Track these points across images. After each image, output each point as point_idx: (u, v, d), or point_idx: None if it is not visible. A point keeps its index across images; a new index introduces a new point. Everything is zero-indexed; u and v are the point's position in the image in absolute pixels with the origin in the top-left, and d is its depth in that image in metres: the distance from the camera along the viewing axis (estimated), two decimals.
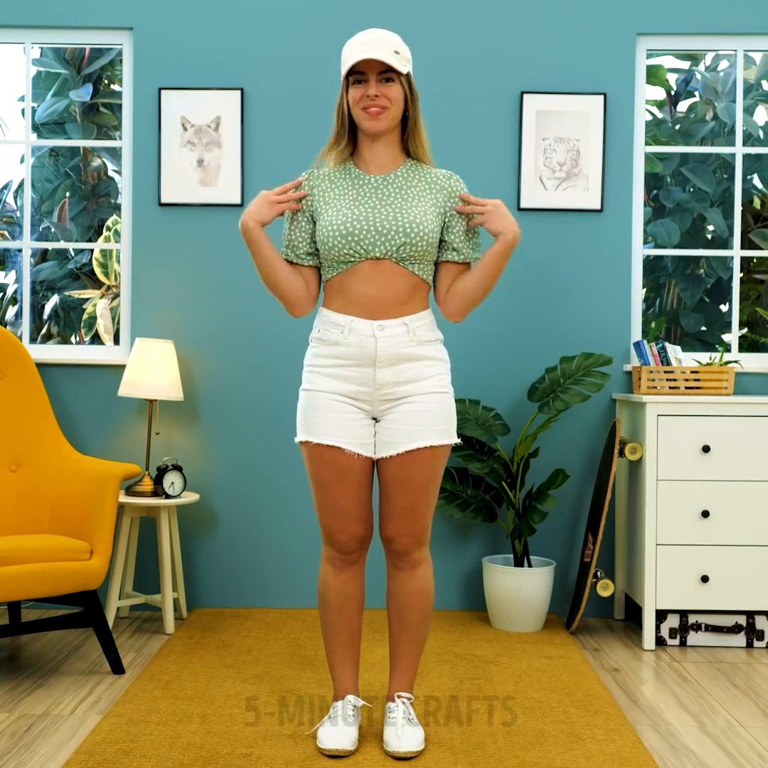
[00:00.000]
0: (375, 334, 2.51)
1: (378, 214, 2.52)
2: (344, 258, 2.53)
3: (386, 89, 2.51)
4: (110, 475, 3.30)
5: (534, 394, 3.94)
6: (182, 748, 2.58)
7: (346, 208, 2.53)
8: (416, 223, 2.52)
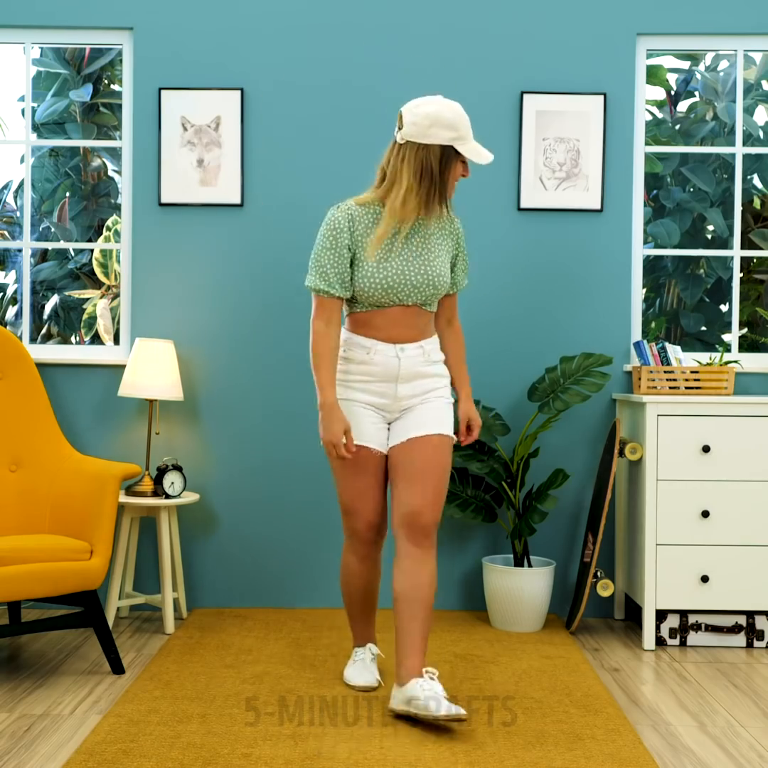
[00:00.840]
0: (398, 355, 2.90)
1: (412, 268, 2.87)
2: (378, 304, 2.88)
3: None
4: (110, 475, 3.30)
5: (534, 394, 3.94)
6: (182, 748, 2.58)
7: (385, 260, 2.86)
8: (441, 275, 2.92)
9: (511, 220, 4.13)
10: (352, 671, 3.13)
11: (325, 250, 2.85)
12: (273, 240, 4.14)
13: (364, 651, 3.15)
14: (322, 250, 2.85)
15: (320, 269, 2.85)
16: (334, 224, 2.85)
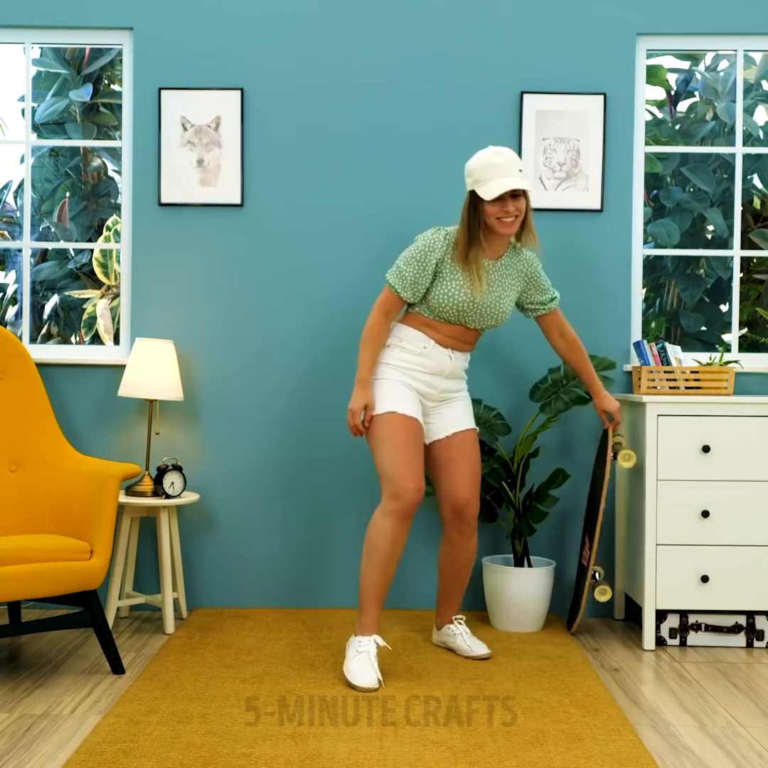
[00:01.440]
0: (450, 356, 3.35)
1: (485, 299, 3.27)
2: (447, 318, 3.29)
3: (517, 203, 3.20)
4: (110, 475, 3.30)
5: (536, 394, 3.94)
6: (182, 748, 2.58)
7: (466, 287, 3.24)
8: (506, 313, 3.35)
9: None
10: (355, 667, 3.10)
11: (413, 260, 3.24)
12: (273, 240, 4.14)
13: (369, 642, 3.15)
14: (411, 260, 3.25)
15: (401, 273, 3.26)
16: (431, 244, 3.24)
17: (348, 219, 4.13)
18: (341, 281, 4.13)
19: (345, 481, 4.13)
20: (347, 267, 4.13)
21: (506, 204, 3.18)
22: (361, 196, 4.13)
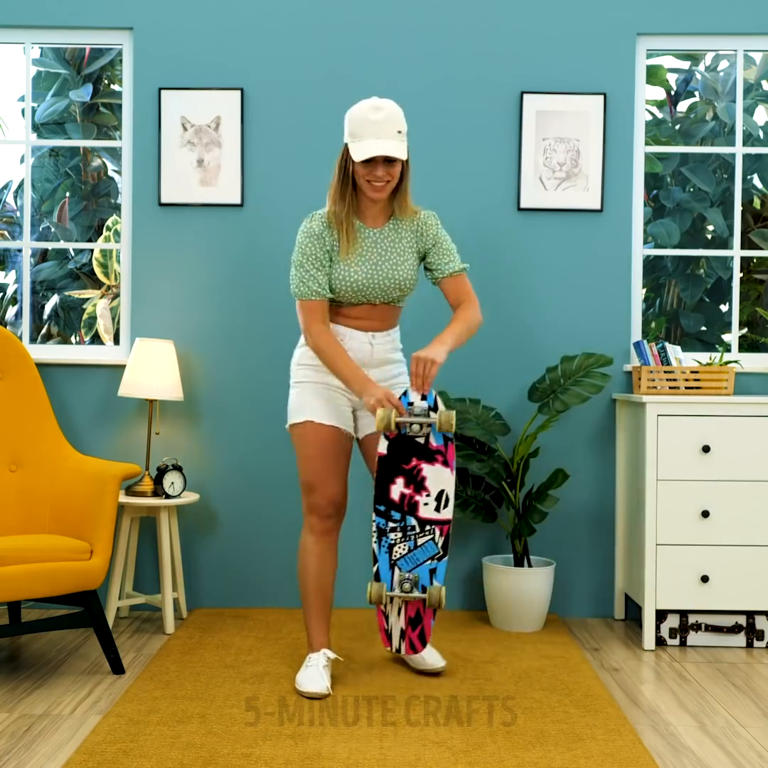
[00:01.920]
0: (370, 341, 3.09)
1: (380, 271, 3.04)
2: (349, 301, 3.07)
3: (390, 168, 2.96)
4: (110, 475, 3.30)
5: (534, 394, 3.94)
6: (182, 748, 2.58)
7: (355, 264, 3.03)
8: (407, 278, 3.09)
9: (511, 220, 4.13)
10: (303, 676, 3.04)
11: (305, 258, 3.02)
12: (273, 240, 4.14)
13: (318, 657, 3.08)
14: (303, 259, 3.02)
15: (305, 275, 3.01)
16: (311, 232, 3.02)
17: None
18: None
19: None
20: None
21: (376, 167, 2.94)
22: None
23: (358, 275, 3.02)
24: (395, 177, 2.99)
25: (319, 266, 3.02)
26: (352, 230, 3.02)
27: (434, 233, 3.14)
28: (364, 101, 3.01)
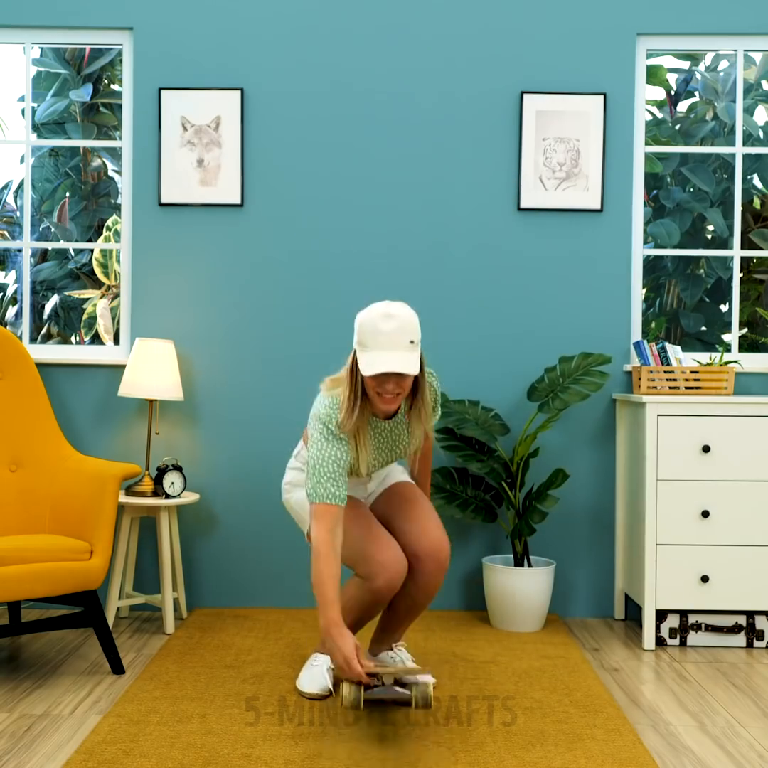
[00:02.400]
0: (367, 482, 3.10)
1: (393, 454, 2.99)
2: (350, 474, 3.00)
3: (401, 381, 2.73)
4: (110, 475, 3.31)
5: (533, 394, 3.94)
6: (182, 748, 2.58)
7: (370, 457, 2.93)
8: (419, 445, 2.98)
9: (511, 220, 4.13)
10: (305, 677, 3.03)
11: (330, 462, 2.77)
12: (273, 240, 4.14)
13: (325, 658, 3.06)
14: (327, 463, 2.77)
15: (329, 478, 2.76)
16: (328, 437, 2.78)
17: (348, 219, 4.13)
18: (341, 281, 4.13)
19: None
20: (347, 267, 4.13)
21: (386, 381, 2.72)
22: (361, 195, 4.13)
23: (370, 466, 2.95)
24: (406, 390, 2.75)
25: (343, 472, 2.78)
26: (364, 431, 2.84)
27: (436, 399, 3.01)
28: (375, 306, 2.73)
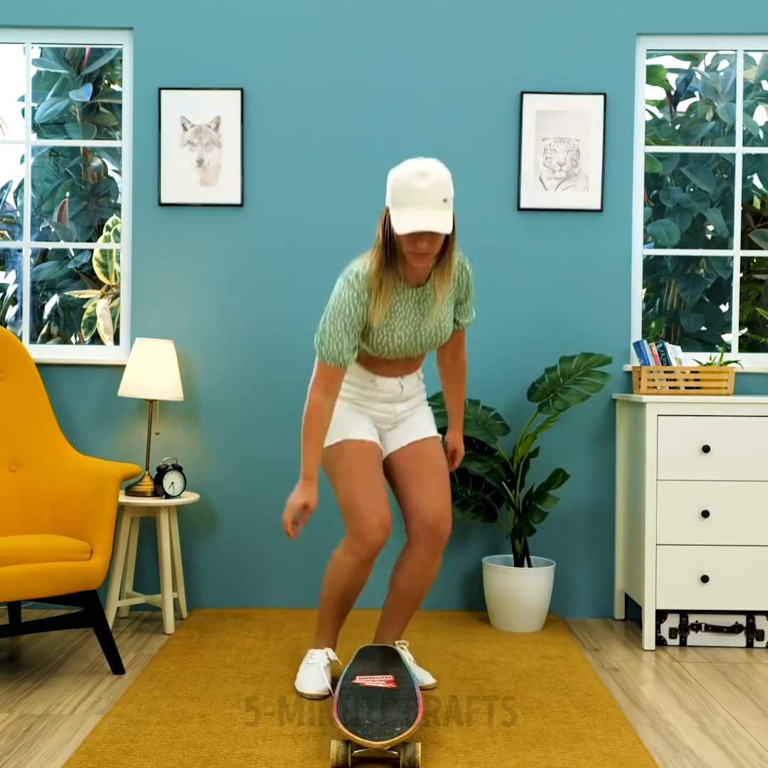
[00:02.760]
0: (401, 384, 3.03)
1: (424, 332, 2.93)
2: (387, 357, 2.96)
3: (434, 239, 2.74)
4: (110, 475, 3.31)
5: (534, 394, 3.94)
6: (182, 748, 2.58)
7: (399, 329, 2.90)
8: (447, 332, 2.98)
9: (511, 220, 4.13)
10: (304, 677, 3.03)
11: (340, 321, 2.81)
12: (273, 240, 4.14)
13: (321, 655, 3.06)
14: (338, 321, 2.81)
15: (330, 340, 2.82)
16: (351, 300, 2.81)
17: (348, 218, 4.13)
18: None
19: None
20: (347, 267, 4.13)
21: (419, 239, 2.73)
22: (361, 195, 4.13)
23: (401, 339, 2.90)
24: (437, 248, 2.76)
25: (351, 332, 2.83)
26: (393, 292, 2.86)
27: (468, 284, 3.00)
28: (409, 164, 2.72)
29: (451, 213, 2.75)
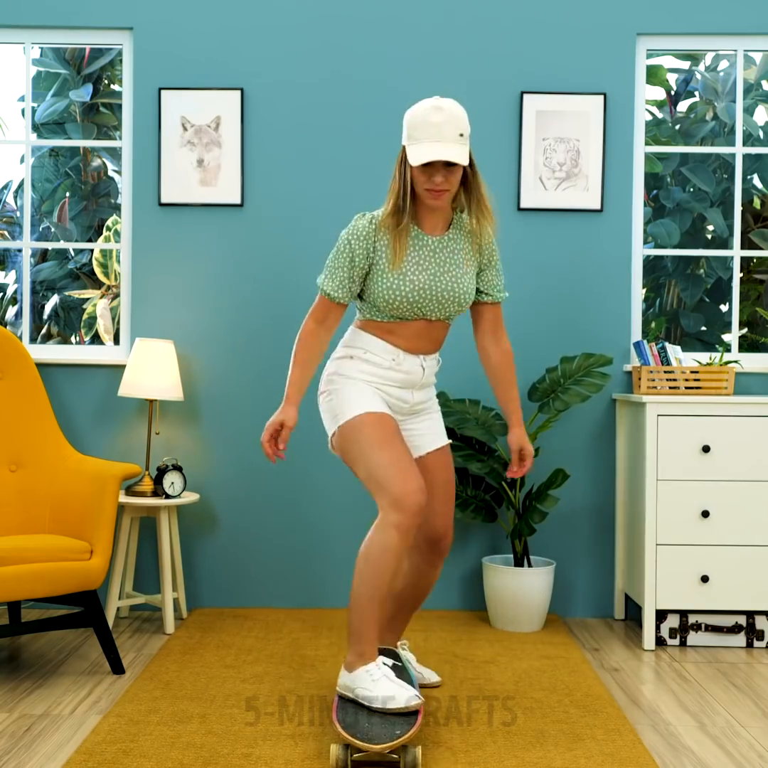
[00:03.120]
0: (422, 365, 2.85)
1: (439, 283, 2.77)
2: (401, 316, 2.80)
3: (450, 174, 2.68)
4: (110, 475, 3.31)
5: (534, 394, 3.94)
6: (182, 748, 2.58)
7: (412, 273, 2.75)
8: (467, 292, 2.81)
9: (511, 220, 4.13)
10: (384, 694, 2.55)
11: (339, 255, 2.76)
12: (273, 240, 4.14)
13: (379, 667, 2.62)
14: (337, 255, 2.77)
15: (329, 272, 2.78)
16: (355, 232, 2.75)
17: (348, 218, 4.12)
18: None
19: (345, 480, 4.13)
20: None
21: (435, 173, 2.66)
22: (361, 195, 4.13)
23: (414, 285, 2.74)
24: (454, 185, 2.69)
25: (349, 270, 2.76)
26: (407, 236, 2.75)
27: (491, 247, 2.89)
28: (424, 101, 2.70)
29: (468, 149, 2.68)
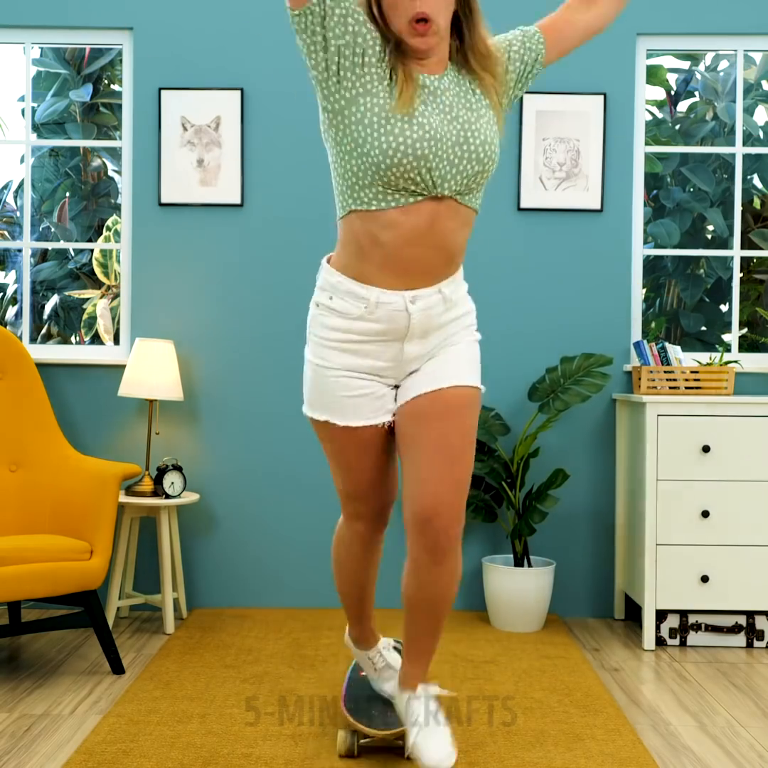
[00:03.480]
0: (408, 308, 2.06)
1: (446, 133, 1.99)
2: (396, 186, 1.98)
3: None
4: (110, 475, 3.31)
5: (534, 394, 3.95)
6: (182, 748, 2.58)
7: (420, 115, 1.98)
8: (487, 142, 2.04)
9: (511, 220, 4.13)
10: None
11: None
12: (273, 240, 4.14)
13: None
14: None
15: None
16: None
17: None
18: None
19: None
20: None
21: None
22: None
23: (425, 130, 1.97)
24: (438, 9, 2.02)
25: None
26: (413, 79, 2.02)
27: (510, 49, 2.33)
28: None
29: None
